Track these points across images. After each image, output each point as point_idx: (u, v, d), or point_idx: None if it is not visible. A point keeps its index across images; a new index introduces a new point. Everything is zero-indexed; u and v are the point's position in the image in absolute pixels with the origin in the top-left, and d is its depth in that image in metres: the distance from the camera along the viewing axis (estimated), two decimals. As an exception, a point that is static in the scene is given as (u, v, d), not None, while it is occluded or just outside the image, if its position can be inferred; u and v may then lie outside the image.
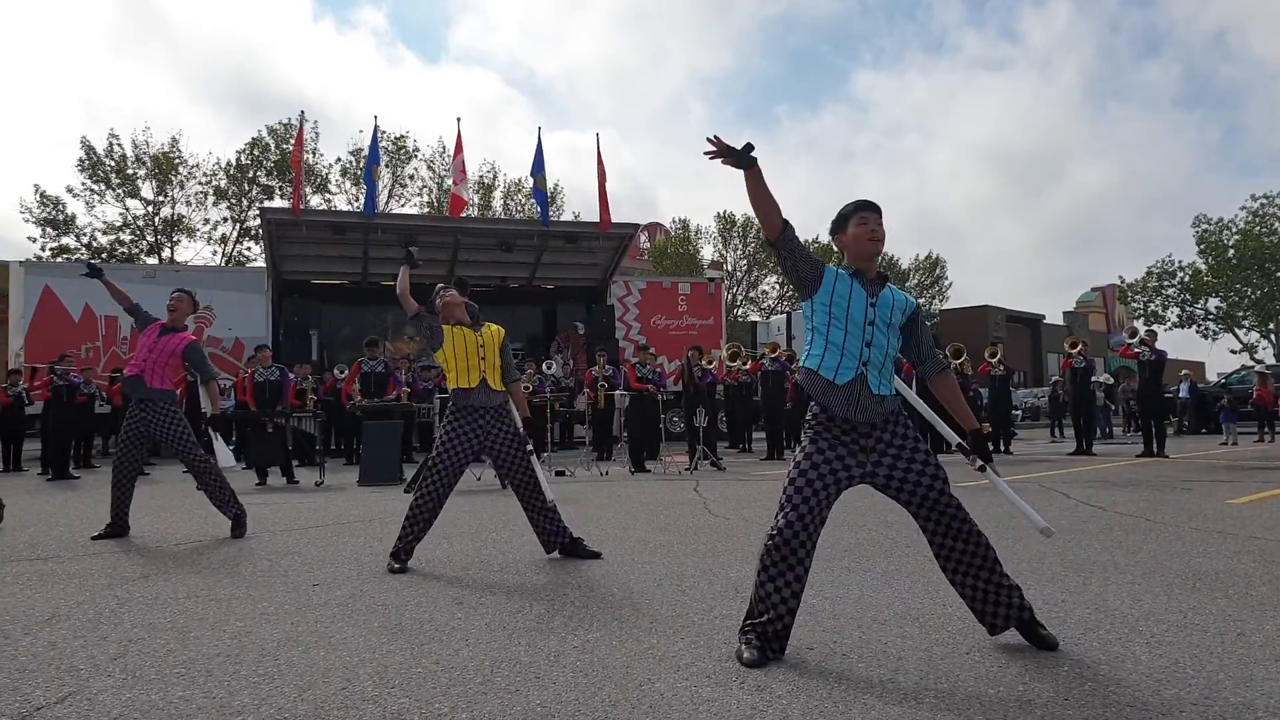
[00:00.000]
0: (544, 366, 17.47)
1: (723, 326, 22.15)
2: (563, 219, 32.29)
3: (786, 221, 3.51)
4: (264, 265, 21.37)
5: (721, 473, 12.15)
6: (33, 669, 3.34)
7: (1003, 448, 15.75)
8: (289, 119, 33.36)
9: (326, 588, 4.80)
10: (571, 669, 3.30)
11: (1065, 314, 59.01)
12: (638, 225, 22.80)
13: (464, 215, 29.07)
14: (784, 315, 28.31)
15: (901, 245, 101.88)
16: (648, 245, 44.73)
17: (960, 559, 3.54)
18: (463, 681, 3.17)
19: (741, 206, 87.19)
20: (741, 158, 3.38)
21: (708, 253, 42.77)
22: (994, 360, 16.08)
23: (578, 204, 49.21)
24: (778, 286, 43.25)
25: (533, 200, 33.30)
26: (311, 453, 12.51)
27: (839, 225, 3.62)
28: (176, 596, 4.60)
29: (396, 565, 5.29)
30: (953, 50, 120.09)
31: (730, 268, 42.01)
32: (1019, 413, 28.70)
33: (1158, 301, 41.03)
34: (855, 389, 3.45)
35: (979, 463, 3.65)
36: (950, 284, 47.95)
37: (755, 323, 32.28)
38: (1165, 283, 40.60)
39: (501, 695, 3.02)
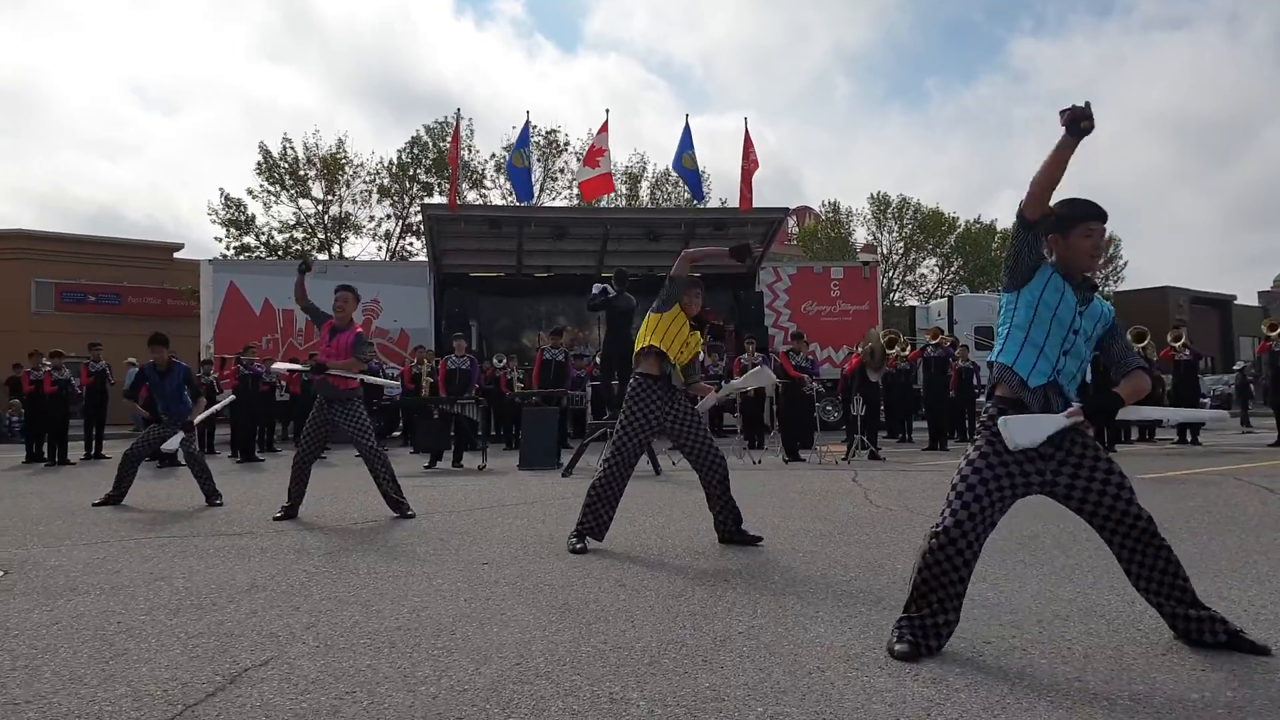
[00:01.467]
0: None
1: (878, 312, 21.58)
2: (709, 205, 32.21)
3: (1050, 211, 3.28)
4: (425, 259, 22.24)
5: (881, 463, 11.87)
6: (238, 634, 3.59)
7: (1189, 438, 14.76)
8: (445, 117, 34.59)
9: (495, 566, 4.96)
10: (738, 654, 3.29)
11: (1260, 294, 54.41)
12: (787, 209, 22.45)
13: (612, 205, 29.43)
14: (944, 299, 27.31)
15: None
16: (796, 230, 44.07)
17: (1150, 574, 3.33)
18: (631, 662, 3.21)
19: (895, 187, 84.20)
20: (1077, 128, 3.08)
21: (860, 235, 41.74)
22: (1178, 345, 15.04)
23: (722, 190, 48.85)
24: (937, 270, 41.81)
25: (681, 187, 33.43)
26: (474, 438, 12.96)
27: (1062, 226, 3.32)
28: (358, 572, 4.85)
29: (580, 545, 5.43)
30: (1124, 11, 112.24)
31: (885, 250, 40.82)
32: (1207, 401, 26.76)
33: (1371, 279, 37.25)
34: (1046, 394, 3.29)
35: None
36: (1125, 263, 44.92)
37: (913, 307, 31.23)
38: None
39: (670, 677, 3.04)
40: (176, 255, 34.12)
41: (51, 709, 2.77)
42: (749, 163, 19.91)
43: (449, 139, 26.77)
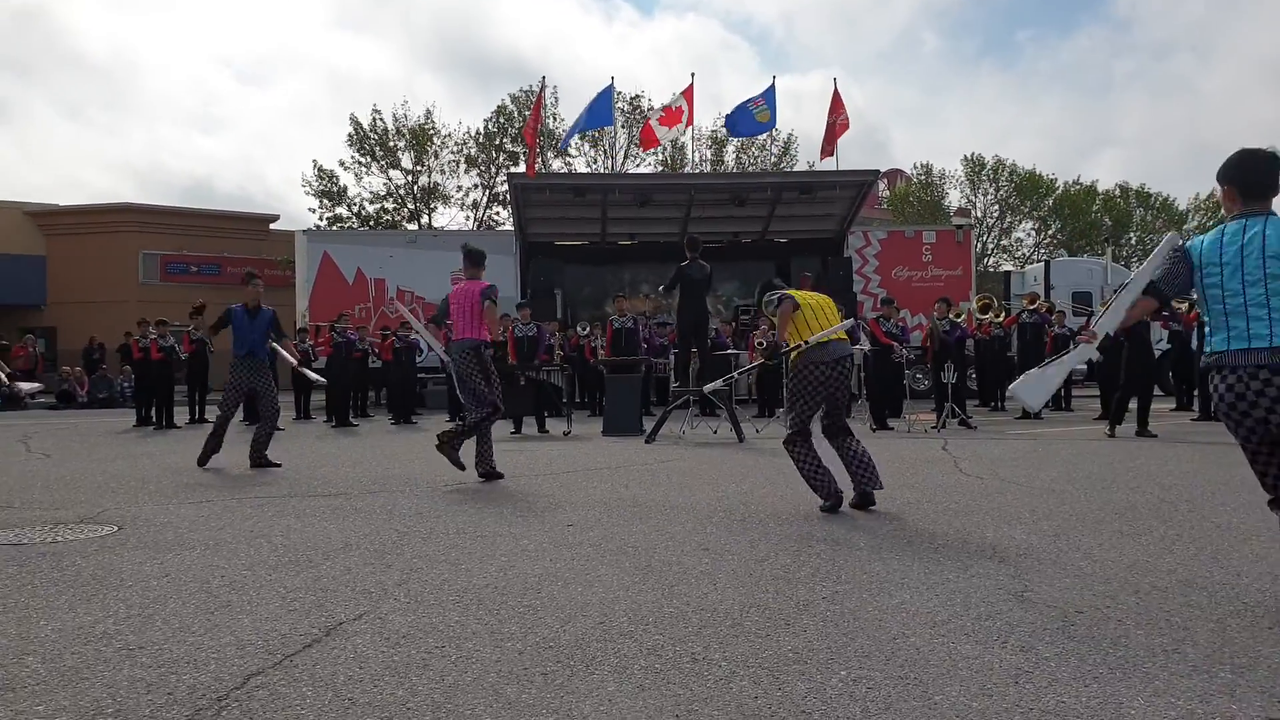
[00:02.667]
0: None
1: (972, 277, 20.94)
2: (795, 169, 31.71)
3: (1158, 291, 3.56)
4: (511, 228, 22.47)
5: (972, 431, 11.62)
6: (333, 589, 3.73)
7: None
8: (530, 85, 34.73)
9: (580, 529, 5.03)
10: (821, 618, 3.28)
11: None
12: (877, 172, 21.84)
13: (696, 171, 29.22)
14: (1041, 264, 26.43)
15: (1175, 184, 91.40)
16: (887, 194, 43.09)
17: None
18: (714, 623, 3.23)
19: (988, 147, 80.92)
20: None
21: (954, 198, 40.54)
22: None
23: (810, 153, 47.84)
24: (1033, 234, 40.45)
25: (767, 150, 33.09)
26: (559, 404, 13.12)
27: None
28: (447, 532, 4.98)
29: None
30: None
31: (980, 214, 39.61)
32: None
33: None
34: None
35: None
36: (1239, 225, 42.33)
37: (1008, 272, 30.18)
38: None
39: (752, 639, 3.05)
40: (273, 226, 35.16)
41: (163, 655, 2.92)
42: (837, 118, 19.67)
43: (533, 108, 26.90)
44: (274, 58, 79.71)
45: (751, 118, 21.17)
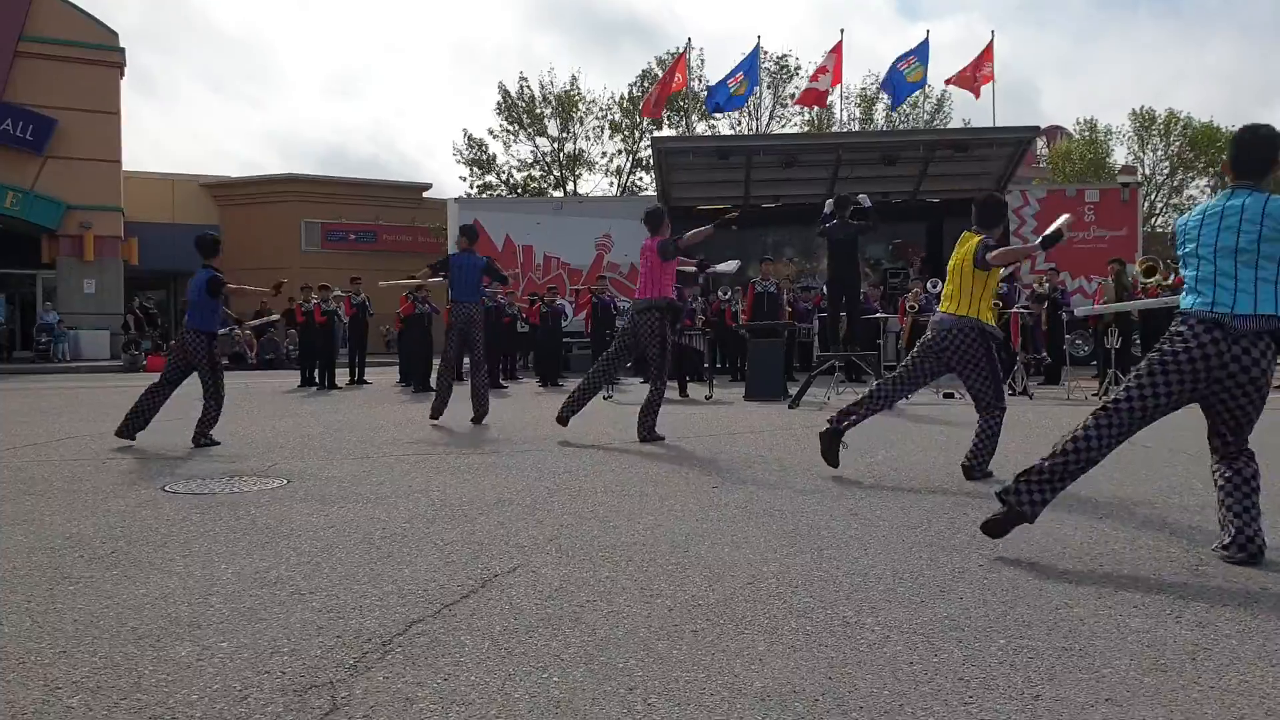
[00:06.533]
0: (929, 285, 16.77)
1: (1138, 238, 19.71)
2: (949, 125, 30.52)
3: None
4: (654, 193, 22.51)
5: (1135, 398, 10.96)
6: (488, 544, 3.86)
7: None
8: (675, 48, 34.55)
9: (725, 490, 5.03)
10: (978, 586, 3.18)
11: None
12: (1036, 128, 20.79)
13: (845, 130, 28.50)
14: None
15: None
16: (1045, 152, 40.91)
17: None
18: (865, 588, 3.17)
19: (1161, 100, 74.89)
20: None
21: (1119, 155, 38.12)
22: None
23: (964, 110, 45.88)
24: (1208, 191, 37.63)
25: (920, 108, 31.94)
26: (701, 369, 13.12)
27: None
28: (595, 490, 5.07)
29: None
30: None
31: (1147, 171, 37.13)
32: None
33: None
34: None
35: None
36: None
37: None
38: None
39: (906, 605, 2.98)
40: (425, 195, 36.39)
41: (332, 600, 3.09)
42: (979, 72, 18.90)
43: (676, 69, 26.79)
44: (400, 22, 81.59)
45: (904, 79, 20.52)
